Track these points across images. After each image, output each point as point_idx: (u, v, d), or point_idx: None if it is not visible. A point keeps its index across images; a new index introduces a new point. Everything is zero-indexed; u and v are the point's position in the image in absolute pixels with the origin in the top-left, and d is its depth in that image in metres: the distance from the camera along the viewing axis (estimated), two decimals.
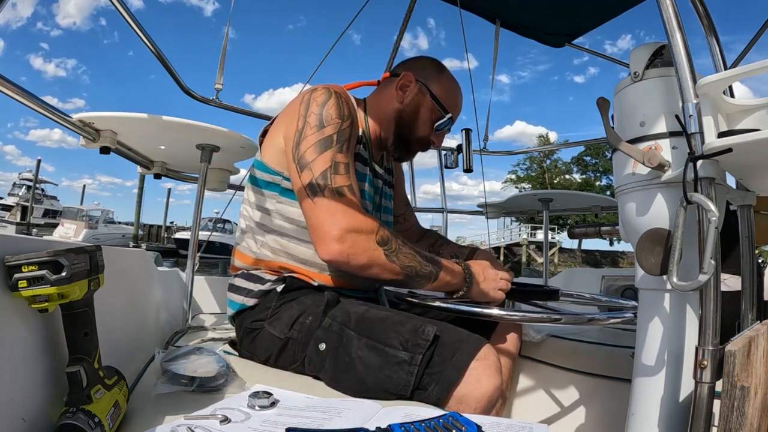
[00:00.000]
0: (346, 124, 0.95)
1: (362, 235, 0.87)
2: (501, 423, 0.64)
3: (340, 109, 0.95)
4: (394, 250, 0.89)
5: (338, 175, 0.90)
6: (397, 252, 0.89)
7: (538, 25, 2.14)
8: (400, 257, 0.90)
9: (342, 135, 0.93)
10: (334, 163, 0.91)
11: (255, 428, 0.61)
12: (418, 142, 1.13)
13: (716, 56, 0.92)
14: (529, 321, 0.98)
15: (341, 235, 0.86)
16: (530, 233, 27.85)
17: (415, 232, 1.43)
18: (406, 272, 0.90)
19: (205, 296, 1.69)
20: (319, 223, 0.88)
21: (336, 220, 0.87)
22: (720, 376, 0.58)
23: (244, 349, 1.01)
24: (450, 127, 1.13)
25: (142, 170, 1.74)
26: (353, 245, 0.86)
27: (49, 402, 0.58)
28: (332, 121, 0.93)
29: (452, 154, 2.09)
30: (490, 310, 0.92)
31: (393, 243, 0.90)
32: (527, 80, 67.25)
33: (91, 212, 23.33)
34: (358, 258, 0.87)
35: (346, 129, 0.95)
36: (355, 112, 1.02)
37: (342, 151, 0.92)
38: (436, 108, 1.10)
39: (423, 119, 1.10)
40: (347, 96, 1.01)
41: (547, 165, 33.16)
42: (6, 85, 0.96)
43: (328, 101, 0.95)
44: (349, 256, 0.86)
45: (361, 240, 0.87)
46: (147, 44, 1.41)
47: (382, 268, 0.89)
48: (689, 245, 0.66)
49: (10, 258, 0.54)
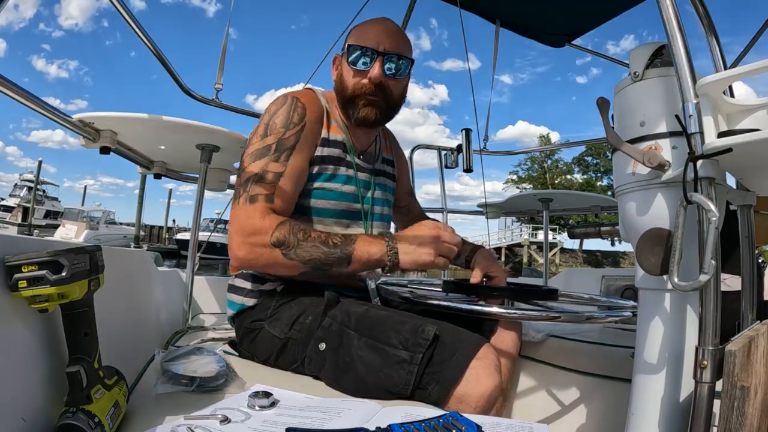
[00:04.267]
0: (292, 131, 0.98)
1: (258, 240, 0.89)
2: (501, 423, 0.64)
3: (287, 118, 0.98)
4: (292, 247, 0.88)
5: (258, 184, 0.93)
6: (295, 248, 0.88)
7: (538, 25, 2.14)
8: (299, 252, 0.88)
9: (283, 144, 0.96)
10: (263, 172, 0.94)
11: (255, 428, 0.61)
12: (358, 93, 1.05)
13: (716, 56, 0.92)
14: (527, 319, 0.97)
15: (239, 243, 0.91)
16: (531, 234, 27.83)
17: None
18: (311, 265, 0.89)
19: (205, 296, 1.69)
20: (230, 232, 0.93)
21: (236, 228, 0.92)
22: (720, 376, 0.58)
23: (244, 350, 1.01)
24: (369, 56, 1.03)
25: (142, 170, 1.74)
26: (250, 251, 0.90)
27: (49, 402, 0.58)
28: (275, 131, 0.97)
29: (452, 154, 2.10)
30: (489, 308, 0.91)
31: (291, 240, 0.88)
32: (529, 81, 67.31)
33: (93, 213, 23.33)
34: (258, 262, 0.91)
35: (290, 137, 0.97)
36: (320, 113, 1.05)
37: (279, 160, 0.95)
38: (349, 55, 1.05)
39: (346, 72, 1.06)
40: (310, 100, 1.04)
41: (548, 165, 33.15)
42: (6, 85, 0.96)
43: (279, 110, 0.99)
44: (249, 261, 0.92)
45: (257, 245, 0.89)
46: (147, 44, 1.41)
47: (283, 266, 0.90)
48: (689, 245, 0.66)
49: (10, 258, 0.54)
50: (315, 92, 1.08)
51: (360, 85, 1.05)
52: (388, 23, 1.09)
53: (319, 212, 1.03)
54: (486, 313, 0.92)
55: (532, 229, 27.60)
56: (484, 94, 11.85)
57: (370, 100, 1.05)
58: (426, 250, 0.91)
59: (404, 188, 1.36)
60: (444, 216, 2.41)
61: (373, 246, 0.90)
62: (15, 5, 74.91)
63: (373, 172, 1.15)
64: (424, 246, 0.91)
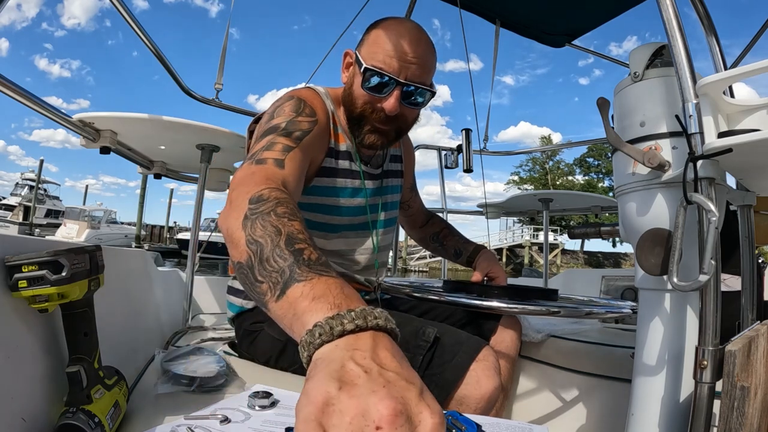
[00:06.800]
0: (303, 118, 0.85)
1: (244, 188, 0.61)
2: (501, 423, 0.64)
3: (298, 109, 0.86)
4: (259, 213, 0.55)
5: (267, 150, 0.74)
6: (260, 216, 0.54)
7: (538, 25, 2.14)
8: (257, 225, 0.53)
9: (292, 125, 0.82)
10: (270, 143, 0.76)
11: (255, 428, 0.62)
12: (366, 115, 0.93)
13: (716, 56, 0.91)
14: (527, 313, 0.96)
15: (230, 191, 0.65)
16: (533, 234, 27.80)
17: (420, 217, 1.36)
18: (250, 251, 0.51)
19: (205, 296, 1.69)
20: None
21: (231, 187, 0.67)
22: (720, 376, 0.58)
23: (244, 351, 1.01)
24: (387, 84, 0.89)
25: (142, 170, 1.74)
26: (229, 201, 0.61)
27: (49, 402, 0.58)
28: (284, 114, 0.84)
29: (452, 154, 2.10)
30: (489, 302, 0.90)
31: (267, 204, 0.56)
32: (531, 82, 67.27)
33: (94, 212, 23.32)
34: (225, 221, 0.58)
35: (301, 121, 0.84)
36: (328, 119, 0.93)
37: (290, 136, 0.79)
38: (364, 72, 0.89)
39: (356, 88, 0.92)
40: (316, 103, 0.91)
41: (549, 167, 33.13)
42: (7, 85, 0.97)
43: (286, 102, 0.88)
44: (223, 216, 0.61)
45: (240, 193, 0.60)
46: (147, 44, 1.41)
47: (230, 236, 0.56)
48: (689, 245, 0.66)
49: (11, 258, 0.54)
50: (319, 94, 0.95)
51: (371, 110, 0.92)
52: (415, 34, 0.91)
53: (323, 227, 0.97)
54: (485, 307, 0.91)
55: (533, 231, 27.58)
56: (485, 96, 11.85)
57: (379, 129, 0.94)
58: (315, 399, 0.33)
59: (407, 183, 1.27)
60: (444, 216, 2.41)
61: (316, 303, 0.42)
62: (18, 5, 75.12)
63: (382, 175, 1.08)
64: (370, 376, 0.35)
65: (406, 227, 1.40)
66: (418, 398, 0.32)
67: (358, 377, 0.32)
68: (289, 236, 0.50)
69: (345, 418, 0.30)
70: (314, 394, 0.31)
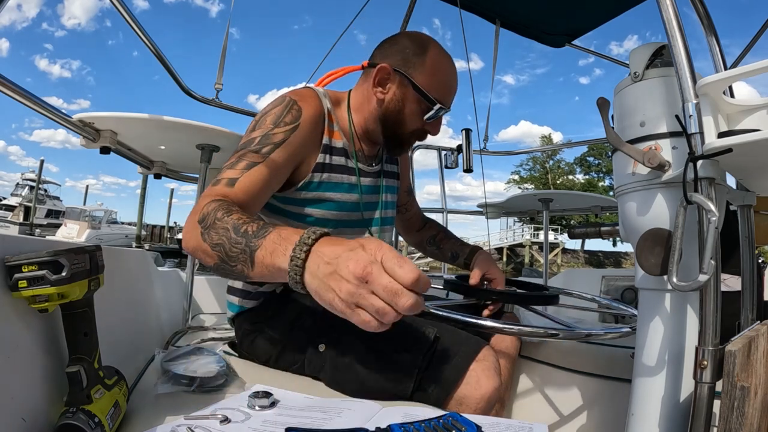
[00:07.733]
0: (281, 129, 0.89)
1: (192, 218, 0.73)
2: (500, 423, 0.64)
3: (279, 117, 0.90)
4: (208, 226, 0.69)
5: (228, 169, 0.82)
6: (210, 228, 0.68)
7: (538, 25, 2.14)
8: (212, 234, 0.67)
9: (268, 138, 0.87)
10: (237, 159, 0.83)
11: (255, 428, 0.62)
12: (411, 136, 1.03)
13: (716, 56, 0.91)
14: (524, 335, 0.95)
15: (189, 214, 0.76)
16: (533, 234, 27.79)
17: (417, 221, 1.37)
18: (217, 253, 0.66)
19: (205, 296, 1.69)
20: None
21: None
22: (720, 376, 0.58)
23: (244, 351, 1.01)
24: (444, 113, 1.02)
25: (142, 170, 1.74)
26: (185, 231, 0.74)
27: (49, 402, 0.58)
28: (263, 126, 0.89)
29: (452, 154, 2.09)
30: (487, 322, 0.87)
31: (210, 217, 0.69)
32: (532, 82, 67.24)
33: (94, 212, 23.33)
34: (188, 244, 0.72)
35: (277, 134, 0.88)
36: (319, 116, 0.96)
37: (259, 151, 0.85)
38: (423, 100, 0.97)
39: (410, 113, 0.99)
40: (309, 101, 0.94)
41: (550, 166, 33.12)
42: (7, 86, 0.97)
43: (272, 109, 0.91)
44: (185, 243, 0.74)
45: (190, 222, 0.73)
46: (147, 44, 1.41)
47: (201, 251, 0.69)
48: (689, 245, 0.66)
49: (11, 258, 0.54)
50: (316, 92, 0.99)
51: (419, 132, 1.02)
52: (453, 65, 1.04)
53: (319, 222, 0.97)
54: (483, 326, 0.88)
55: (534, 230, 27.57)
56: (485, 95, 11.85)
57: (412, 144, 1.07)
58: (336, 285, 0.51)
59: (404, 185, 1.29)
60: (444, 216, 2.41)
61: (279, 246, 0.58)
62: (18, 5, 75.16)
63: (378, 174, 1.10)
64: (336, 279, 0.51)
65: (402, 232, 1.41)
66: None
67: (338, 257, 0.52)
68: (234, 227, 0.66)
69: (360, 264, 0.50)
70: (335, 279, 0.51)
